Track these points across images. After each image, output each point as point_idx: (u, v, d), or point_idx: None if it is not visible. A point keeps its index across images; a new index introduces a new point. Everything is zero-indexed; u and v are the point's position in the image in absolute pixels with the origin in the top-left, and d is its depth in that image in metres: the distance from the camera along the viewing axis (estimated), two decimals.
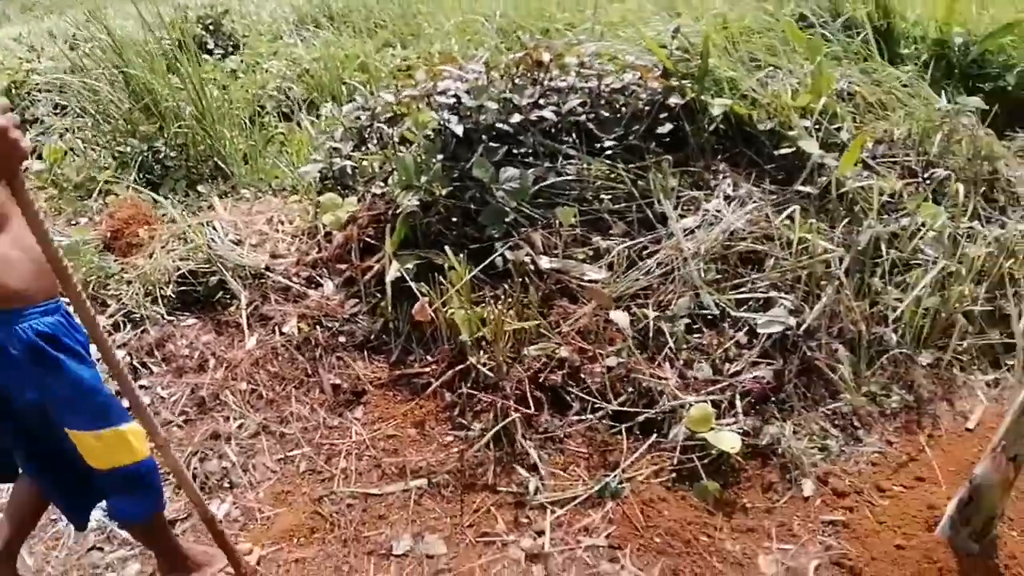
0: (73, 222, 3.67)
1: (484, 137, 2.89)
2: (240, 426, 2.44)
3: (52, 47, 6.89)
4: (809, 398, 2.50)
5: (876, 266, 2.73)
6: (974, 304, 2.69)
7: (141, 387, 2.53)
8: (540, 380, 2.47)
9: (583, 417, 2.44)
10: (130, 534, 2.00)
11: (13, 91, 6.33)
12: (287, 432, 2.43)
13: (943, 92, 3.64)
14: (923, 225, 2.82)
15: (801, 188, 2.85)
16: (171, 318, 2.80)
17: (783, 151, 2.95)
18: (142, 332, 2.74)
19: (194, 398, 2.53)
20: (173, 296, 2.85)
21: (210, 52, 6.49)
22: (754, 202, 2.85)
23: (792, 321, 2.53)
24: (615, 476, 2.24)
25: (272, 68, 5.78)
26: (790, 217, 2.73)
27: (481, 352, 2.53)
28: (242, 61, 6.19)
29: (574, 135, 3.03)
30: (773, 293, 2.64)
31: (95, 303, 2.84)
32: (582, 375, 2.50)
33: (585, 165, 2.94)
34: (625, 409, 2.43)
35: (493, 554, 2.05)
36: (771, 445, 2.34)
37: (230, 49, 6.78)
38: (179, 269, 2.85)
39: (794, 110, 2.99)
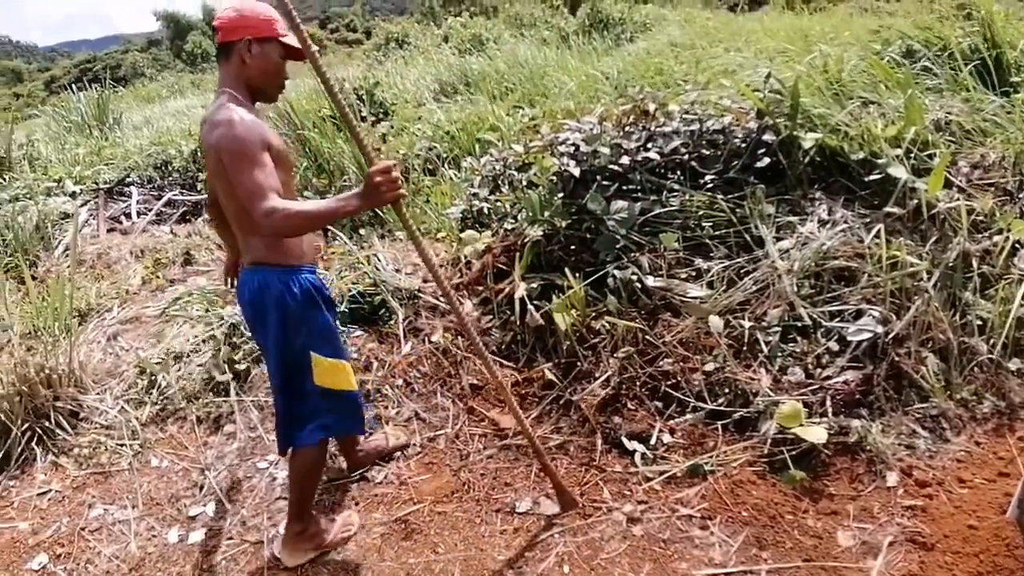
0: None
1: (598, 177, 3.36)
2: (397, 412, 3.01)
3: None
4: (898, 401, 2.68)
5: (967, 280, 2.89)
6: None
7: None
8: (646, 383, 2.86)
9: (684, 417, 2.78)
10: (291, 468, 2.40)
11: (200, 154, 7.57)
12: (433, 418, 2.96)
13: None
14: (1018, 243, 2.96)
15: (892, 210, 3.07)
16: (344, 329, 3.45)
17: (874, 177, 3.19)
18: None
19: (361, 391, 3.12)
20: (346, 312, 3.51)
21: (364, 119, 7.45)
22: (847, 224, 3.11)
23: (880, 329, 2.75)
24: (707, 459, 2.56)
25: (417, 131, 6.60)
26: (880, 236, 2.96)
27: (596, 357, 2.96)
28: (392, 126, 7.06)
29: (678, 172, 3.43)
30: (864, 305, 2.87)
31: None
32: (683, 380, 2.85)
33: (688, 197, 3.32)
34: (721, 408, 2.74)
35: (599, 516, 2.43)
36: (859, 442, 2.54)
37: (381, 115, 7.70)
38: (350, 291, 3.53)
39: (884, 140, 3.23)
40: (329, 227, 4.52)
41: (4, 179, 7.84)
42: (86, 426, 3.28)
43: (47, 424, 3.24)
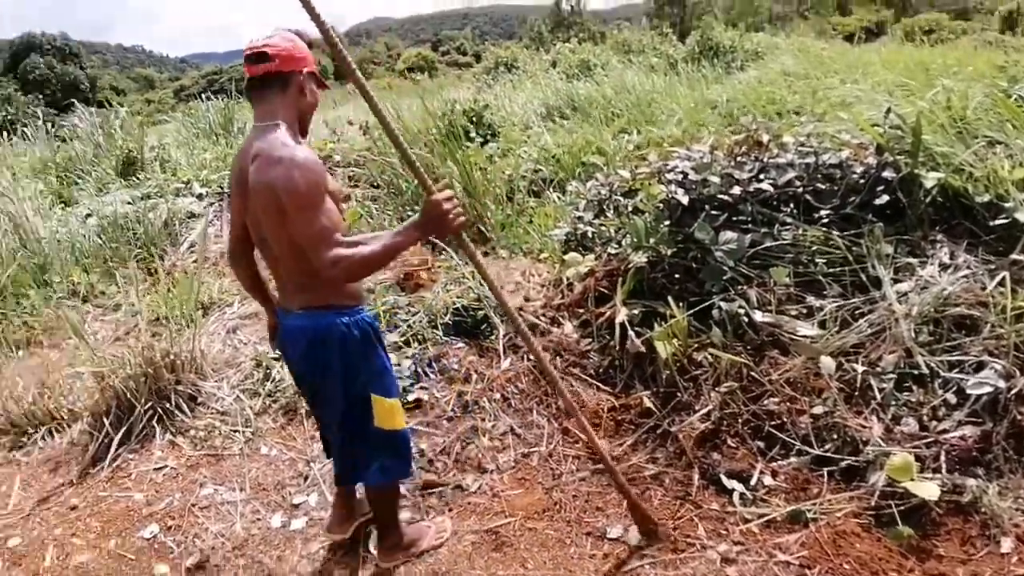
0: None
1: (707, 206, 3.34)
2: (493, 426, 3.07)
3: (347, 131, 8.49)
4: (1018, 462, 2.51)
5: None
6: None
7: (421, 387, 3.30)
8: (748, 421, 2.80)
9: (788, 460, 2.70)
10: (370, 499, 2.48)
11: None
12: (528, 435, 3.01)
13: None
14: None
15: (1018, 257, 2.90)
16: (446, 340, 3.57)
17: (999, 222, 3.03)
18: (423, 348, 3.53)
19: (460, 401, 3.22)
20: (449, 324, 3.63)
21: (472, 139, 7.64)
22: (969, 269, 2.96)
23: (1003, 384, 2.60)
24: (810, 506, 2.48)
25: (523, 153, 6.72)
26: (1005, 284, 2.79)
27: (697, 390, 2.93)
28: (498, 147, 7.20)
29: (791, 205, 3.36)
30: (986, 357, 2.72)
31: (389, 327, 3.70)
32: (788, 422, 2.78)
33: (801, 231, 3.24)
34: (828, 455, 2.64)
35: (692, 552, 2.39)
36: (973, 502, 2.40)
37: (488, 137, 7.87)
38: (454, 304, 3.65)
39: (1012, 183, 3.07)
40: (436, 241, 4.67)
41: (138, 178, 8.50)
42: (203, 410, 3.52)
43: (168, 405, 3.50)
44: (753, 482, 2.63)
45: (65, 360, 4.29)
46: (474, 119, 7.94)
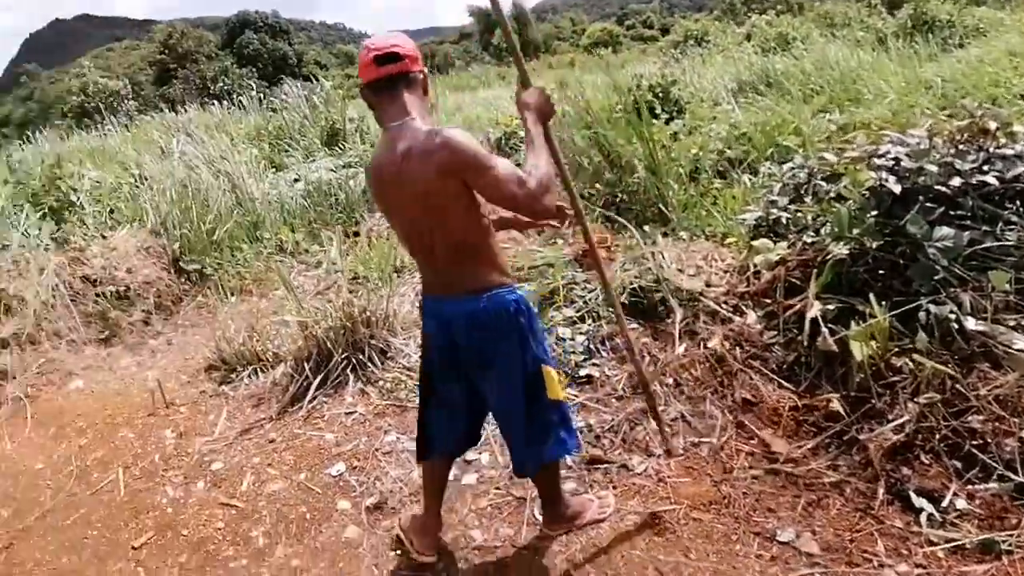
0: (551, 241, 4.77)
1: (921, 197, 3.03)
2: (663, 410, 3.02)
3: None
4: None
5: None
6: None
7: (593, 364, 3.32)
8: (946, 437, 2.54)
9: (987, 484, 2.43)
10: (537, 478, 2.44)
11: (503, 141, 8.20)
12: (699, 424, 2.93)
13: None
14: None
15: None
16: None
17: None
18: (598, 326, 3.55)
19: (631, 381, 3.21)
20: (624, 303, 3.58)
21: (657, 116, 7.42)
22: None
23: None
24: (1006, 537, 2.21)
25: (711, 131, 6.45)
26: None
27: (892, 398, 2.70)
28: (684, 125, 6.95)
29: (1018, 203, 2.98)
30: None
31: (565, 302, 3.75)
32: (992, 443, 2.49)
33: None
34: None
35: (868, 568, 2.23)
36: None
37: (675, 114, 7.62)
38: (632, 283, 3.60)
39: None
40: (618, 218, 4.64)
41: (341, 148, 9.19)
42: (391, 364, 3.79)
43: (361, 357, 3.80)
44: (944, 503, 2.39)
45: (272, 308, 4.79)
46: (660, 95, 7.72)
